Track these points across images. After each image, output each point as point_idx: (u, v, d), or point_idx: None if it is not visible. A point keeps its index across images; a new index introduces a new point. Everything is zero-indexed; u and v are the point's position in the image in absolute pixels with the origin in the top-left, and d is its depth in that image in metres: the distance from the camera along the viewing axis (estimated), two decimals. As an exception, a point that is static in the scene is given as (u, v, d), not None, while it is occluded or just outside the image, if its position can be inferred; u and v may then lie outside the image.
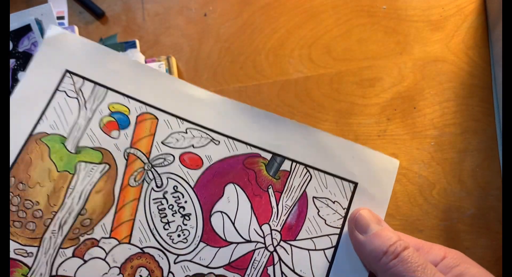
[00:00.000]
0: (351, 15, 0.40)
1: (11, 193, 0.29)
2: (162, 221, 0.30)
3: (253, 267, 0.30)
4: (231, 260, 0.30)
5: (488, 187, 0.37)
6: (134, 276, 0.29)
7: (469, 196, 0.37)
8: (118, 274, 0.29)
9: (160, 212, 0.31)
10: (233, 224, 0.31)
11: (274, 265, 0.30)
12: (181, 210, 0.31)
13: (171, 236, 0.30)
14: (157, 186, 0.31)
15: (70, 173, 0.30)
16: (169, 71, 0.50)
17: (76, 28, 0.48)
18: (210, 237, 0.30)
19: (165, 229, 0.30)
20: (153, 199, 0.31)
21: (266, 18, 0.40)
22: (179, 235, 0.30)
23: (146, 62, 0.48)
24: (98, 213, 0.30)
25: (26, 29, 0.47)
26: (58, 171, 0.30)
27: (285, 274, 0.30)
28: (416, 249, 0.29)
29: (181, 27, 0.44)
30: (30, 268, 0.29)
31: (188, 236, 0.30)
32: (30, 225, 0.29)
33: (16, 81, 0.46)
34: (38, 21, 0.48)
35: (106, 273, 0.29)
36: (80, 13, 0.52)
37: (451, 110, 0.38)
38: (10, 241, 0.29)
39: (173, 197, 0.31)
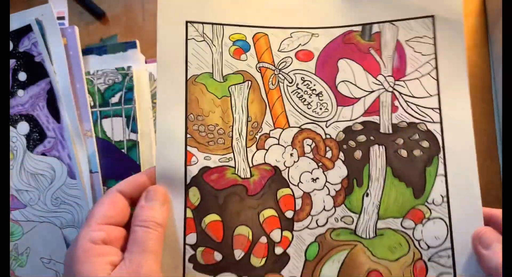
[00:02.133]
0: None
1: (195, 125, 0.39)
2: (304, 104, 0.40)
3: (383, 106, 0.40)
4: (365, 109, 0.40)
5: (488, 187, 0.39)
6: (303, 146, 0.39)
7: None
8: (292, 149, 0.39)
9: (300, 98, 0.40)
10: (355, 85, 0.40)
11: (397, 99, 0.40)
12: (313, 91, 0.40)
13: (315, 110, 0.40)
14: (289, 82, 0.40)
15: (227, 96, 0.40)
16: None
17: (76, 28, 0.49)
18: (344, 100, 0.40)
19: (308, 108, 0.40)
20: (291, 92, 0.40)
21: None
22: (321, 108, 0.40)
23: (146, 62, 0.51)
24: (259, 115, 0.40)
25: (27, 29, 0.48)
26: (219, 98, 0.40)
27: (408, 102, 0.40)
28: None
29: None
30: (235, 167, 0.39)
31: (327, 106, 0.40)
32: (220, 140, 0.39)
33: (16, 81, 0.47)
34: (38, 21, 0.48)
35: (284, 152, 0.39)
36: (81, 13, 0.52)
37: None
38: (213, 156, 0.39)
39: (304, 85, 0.40)
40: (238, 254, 0.37)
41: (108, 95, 0.49)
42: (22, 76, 0.48)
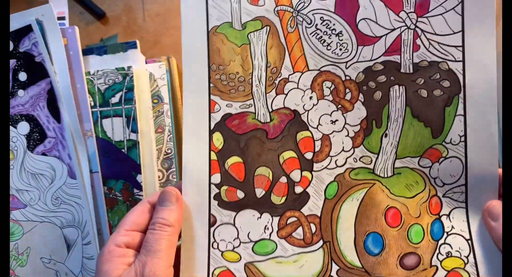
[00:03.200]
0: None
1: (217, 74, 0.41)
2: (323, 45, 0.40)
3: (405, 45, 0.39)
4: (386, 48, 0.39)
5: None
6: (322, 88, 0.40)
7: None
8: (311, 92, 0.40)
9: (320, 39, 0.40)
10: (376, 22, 0.39)
11: (419, 36, 0.38)
12: (333, 31, 0.40)
13: (335, 51, 0.40)
14: (308, 24, 0.40)
15: (247, 44, 0.41)
16: (169, 71, 0.53)
17: (76, 28, 0.49)
18: (364, 39, 0.39)
19: (328, 49, 0.40)
20: (310, 34, 0.40)
21: None
22: (340, 49, 0.40)
23: (146, 63, 0.52)
24: (278, 60, 0.41)
25: (27, 29, 0.47)
26: (238, 46, 0.41)
27: (430, 40, 0.38)
28: None
29: (181, 27, 0.45)
30: (255, 113, 0.41)
31: (347, 46, 0.40)
32: (240, 88, 0.41)
33: (16, 81, 0.47)
34: (39, 21, 0.47)
35: (303, 96, 0.40)
36: (81, 13, 0.53)
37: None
38: (234, 103, 0.41)
39: (323, 25, 0.40)
40: (259, 192, 0.40)
41: (108, 95, 0.50)
42: (23, 76, 0.48)
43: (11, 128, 0.48)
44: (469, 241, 0.38)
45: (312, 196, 0.40)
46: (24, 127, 0.48)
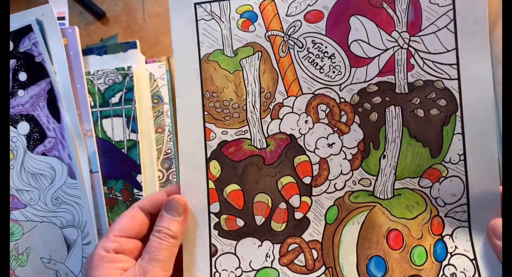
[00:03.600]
0: None
1: (211, 102, 0.41)
2: (316, 68, 0.40)
3: (398, 65, 0.38)
4: (380, 69, 0.39)
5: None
6: (317, 112, 0.40)
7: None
8: (307, 116, 0.40)
9: (312, 63, 0.40)
10: (369, 43, 0.39)
11: (413, 56, 0.38)
12: (325, 54, 0.39)
13: (327, 74, 0.39)
14: (300, 48, 0.40)
15: (239, 70, 0.41)
16: (169, 71, 0.53)
17: (76, 28, 0.49)
18: (357, 60, 0.39)
19: (321, 72, 0.40)
20: (302, 57, 0.40)
21: None
22: (333, 72, 0.39)
23: (146, 63, 0.52)
24: (272, 85, 0.40)
25: (27, 29, 0.48)
26: (231, 73, 0.41)
27: (424, 59, 0.38)
28: None
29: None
30: (251, 139, 0.40)
31: (340, 68, 0.39)
32: (235, 114, 0.41)
33: (16, 81, 0.47)
34: (38, 21, 0.48)
35: (299, 120, 0.40)
36: (81, 13, 0.53)
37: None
38: (229, 130, 0.40)
39: (315, 48, 0.40)
40: (259, 219, 0.40)
41: (108, 95, 0.50)
42: (23, 76, 0.48)
43: (11, 128, 0.48)
44: (474, 261, 0.37)
45: (313, 221, 0.39)
46: (24, 127, 0.48)
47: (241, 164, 0.40)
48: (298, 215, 0.40)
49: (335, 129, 0.39)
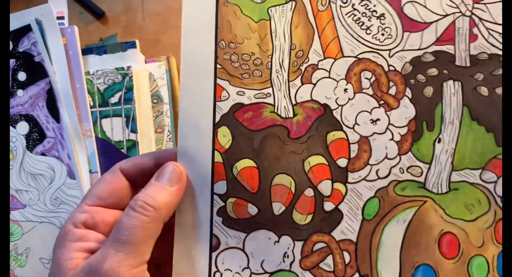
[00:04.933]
0: None
1: (227, 54, 0.32)
2: (362, 29, 0.32)
3: (459, 34, 0.32)
4: (438, 37, 0.32)
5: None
6: (360, 80, 0.32)
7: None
8: (347, 84, 0.32)
9: (357, 22, 0.33)
10: (425, 6, 0.32)
11: (476, 25, 0.32)
12: (373, 13, 0.33)
13: (375, 36, 0.32)
14: (343, 2, 0.33)
15: (266, 20, 0.32)
16: (169, 71, 0.53)
17: (76, 28, 0.49)
18: (411, 25, 0.32)
19: (367, 33, 0.32)
20: (345, 14, 0.33)
21: None
22: (383, 34, 0.32)
23: (146, 62, 0.52)
24: (305, 43, 0.32)
25: (26, 29, 0.47)
26: (256, 22, 0.32)
27: (489, 29, 0.32)
28: None
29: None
30: (274, 105, 0.32)
31: (390, 31, 0.32)
32: (256, 73, 0.32)
33: (16, 81, 0.48)
34: (38, 21, 0.47)
35: (336, 87, 0.32)
36: (80, 13, 0.52)
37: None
38: (247, 90, 0.32)
39: (361, 5, 0.33)
40: (278, 208, 0.30)
41: (107, 95, 0.49)
42: (22, 76, 0.48)
43: (10, 128, 0.48)
44: (546, 279, 0.29)
45: (346, 216, 0.30)
46: (23, 127, 0.48)
47: (259, 134, 0.31)
48: (329, 206, 0.30)
49: (381, 102, 0.32)
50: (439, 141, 0.31)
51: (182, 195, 0.29)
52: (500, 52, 0.32)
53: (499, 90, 0.31)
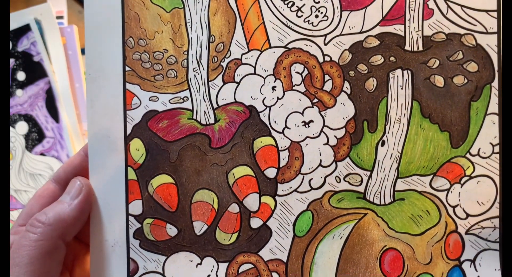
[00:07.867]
0: None
1: (136, 53, 0.28)
2: (292, 11, 0.27)
3: (411, 10, 0.26)
4: (384, 15, 0.26)
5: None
6: (291, 75, 0.27)
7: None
8: (275, 80, 0.27)
9: (286, 2, 0.27)
10: (368, -23, 0.26)
11: (433, -3, 0.26)
12: (305, -10, 0.27)
13: (309, 20, 0.27)
14: (269, -21, 0.27)
15: (180, 8, 0.28)
16: None
17: (75, 27, 0.48)
18: (351, 2, 0.27)
19: (298, 16, 0.27)
20: (272, -6, 0.27)
21: None
22: (316, 16, 0.27)
23: None
24: (226, 33, 0.28)
25: (26, 28, 0.47)
26: (168, 12, 0.28)
27: (449, 1, 0.26)
28: None
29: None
30: (192, 110, 0.28)
31: (326, 11, 0.27)
32: (171, 73, 0.28)
33: (15, 80, 0.47)
34: (37, 20, 0.47)
35: (263, 85, 0.27)
36: (80, 12, 0.53)
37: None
38: (161, 95, 0.28)
39: (291, -19, 0.27)
40: (199, 227, 0.27)
41: None
42: (21, 76, 0.48)
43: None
44: (504, 299, 0.26)
45: (276, 233, 0.27)
46: (22, 127, 0.48)
47: (176, 145, 0.28)
48: (256, 222, 0.27)
49: (315, 100, 0.27)
50: (383, 144, 0.27)
51: (87, 209, 0.27)
52: (461, 31, 0.26)
53: (457, 80, 0.26)
